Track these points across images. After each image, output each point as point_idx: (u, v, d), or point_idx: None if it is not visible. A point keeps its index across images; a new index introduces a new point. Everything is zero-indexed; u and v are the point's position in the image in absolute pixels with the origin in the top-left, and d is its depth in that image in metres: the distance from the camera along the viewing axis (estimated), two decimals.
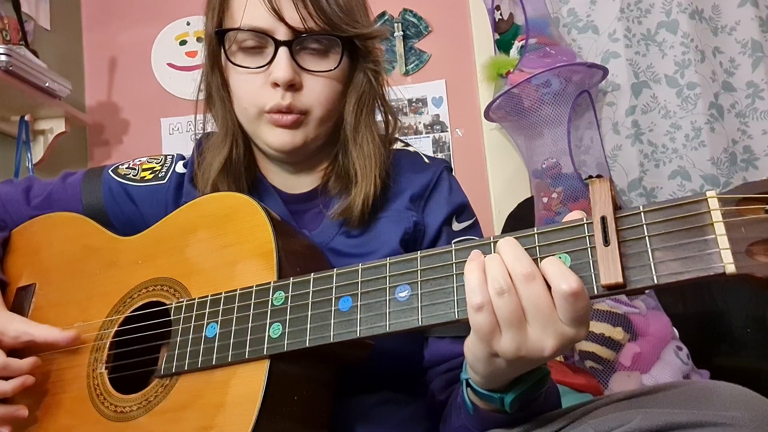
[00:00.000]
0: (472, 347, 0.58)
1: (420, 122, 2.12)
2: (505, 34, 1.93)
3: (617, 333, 1.52)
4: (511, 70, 1.85)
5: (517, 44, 1.89)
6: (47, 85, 1.77)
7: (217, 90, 0.87)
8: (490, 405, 0.64)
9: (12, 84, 1.64)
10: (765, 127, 1.89)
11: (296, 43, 0.79)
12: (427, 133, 2.11)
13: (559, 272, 0.53)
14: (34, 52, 1.79)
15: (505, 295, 0.53)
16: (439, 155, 2.09)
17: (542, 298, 0.53)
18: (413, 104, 2.12)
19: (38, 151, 1.89)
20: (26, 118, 1.80)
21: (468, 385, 0.65)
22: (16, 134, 1.80)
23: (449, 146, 2.10)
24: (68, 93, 1.88)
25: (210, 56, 0.87)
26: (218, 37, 0.83)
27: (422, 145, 2.10)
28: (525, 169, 1.98)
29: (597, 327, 1.54)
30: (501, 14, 1.94)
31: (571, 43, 1.95)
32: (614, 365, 1.52)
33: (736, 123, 1.92)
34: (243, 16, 0.80)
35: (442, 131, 2.11)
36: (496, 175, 2.07)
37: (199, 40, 2.16)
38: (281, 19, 0.78)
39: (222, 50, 0.84)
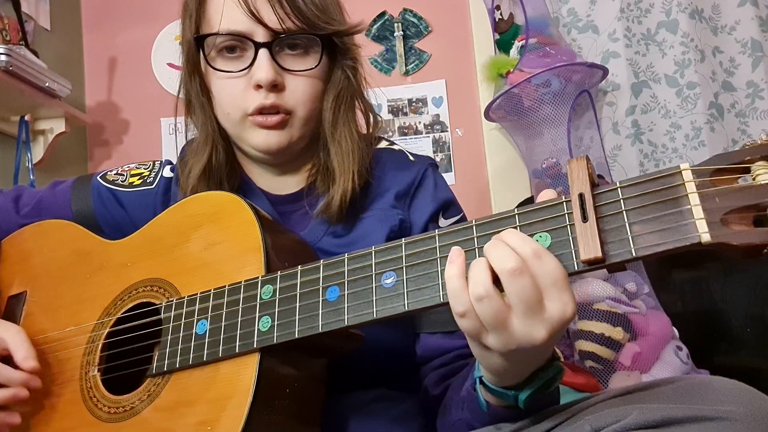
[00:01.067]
0: (468, 343, 0.59)
1: (420, 122, 2.12)
2: (505, 34, 1.92)
3: (617, 333, 1.52)
4: (511, 70, 1.84)
5: (517, 44, 1.89)
6: (47, 85, 1.77)
7: (196, 96, 0.87)
8: (504, 401, 0.64)
9: (12, 84, 1.65)
10: (765, 127, 1.88)
11: (276, 44, 0.79)
12: (427, 133, 2.11)
13: (521, 238, 0.54)
14: (34, 52, 1.79)
15: (485, 301, 0.53)
16: (439, 155, 2.09)
17: (529, 290, 0.53)
18: (413, 104, 2.12)
19: (38, 151, 1.89)
20: (26, 118, 1.80)
21: (481, 382, 0.65)
22: (16, 134, 1.80)
23: (449, 146, 2.10)
24: (68, 93, 1.88)
25: (189, 62, 0.86)
26: (197, 43, 0.83)
27: (422, 145, 2.10)
28: (525, 168, 1.97)
29: (597, 327, 1.53)
30: (501, 14, 1.94)
31: (571, 43, 1.95)
32: (614, 365, 1.51)
33: (736, 123, 1.91)
34: (221, 20, 0.80)
35: (442, 131, 2.11)
36: (496, 174, 2.06)
37: None
38: (259, 21, 0.78)
39: (201, 56, 0.83)
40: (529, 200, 1.91)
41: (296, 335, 0.64)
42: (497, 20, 1.94)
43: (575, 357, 1.59)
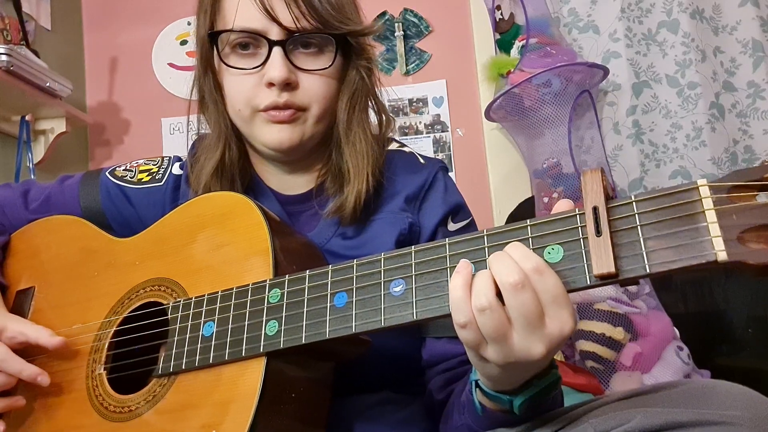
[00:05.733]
0: (467, 353, 0.59)
1: (420, 122, 2.12)
2: (505, 34, 1.93)
3: (618, 333, 1.52)
4: (512, 70, 1.85)
5: (517, 44, 1.89)
6: (48, 85, 1.77)
7: (209, 93, 0.86)
8: (499, 406, 0.64)
9: (13, 84, 1.65)
10: (766, 127, 1.89)
11: (290, 42, 0.79)
12: (427, 133, 2.11)
13: (523, 254, 0.54)
14: (35, 52, 1.79)
15: (487, 312, 0.53)
16: (440, 155, 2.09)
17: (530, 305, 0.53)
18: (414, 104, 2.12)
19: (39, 151, 1.89)
20: (27, 118, 1.80)
21: (477, 386, 0.65)
22: (17, 134, 1.80)
23: (450, 146, 2.10)
24: (69, 93, 1.88)
25: (202, 59, 0.86)
26: (211, 40, 0.83)
27: (423, 145, 2.10)
28: (525, 168, 1.97)
29: (598, 327, 1.54)
30: (502, 14, 1.94)
31: (571, 43, 1.95)
32: (615, 365, 1.52)
33: (737, 123, 1.92)
34: (235, 17, 0.80)
35: (442, 131, 2.11)
36: (497, 174, 2.06)
37: None
38: (274, 19, 0.78)
39: (215, 52, 0.83)
40: (530, 201, 1.91)
41: (303, 341, 0.64)
42: (498, 20, 1.94)
43: (576, 357, 1.59)
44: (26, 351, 0.80)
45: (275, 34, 0.79)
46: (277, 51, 0.79)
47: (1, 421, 0.80)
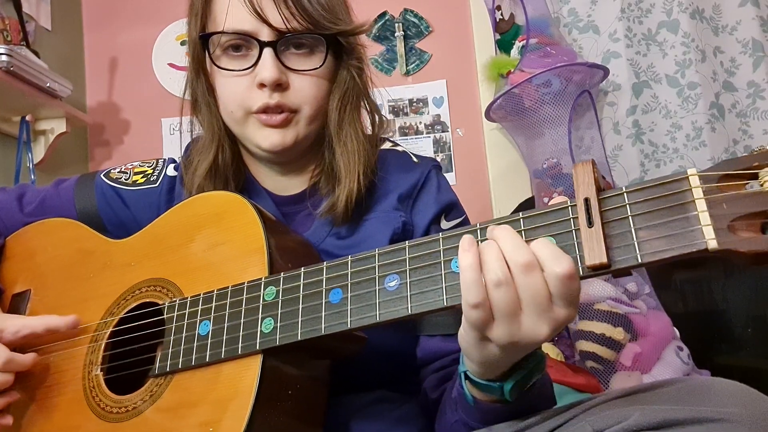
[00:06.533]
0: (464, 334, 0.58)
1: (421, 122, 2.12)
2: (505, 34, 1.93)
3: (618, 333, 1.52)
4: (512, 70, 1.85)
5: (517, 44, 1.89)
6: (48, 85, 1.77)
7: (202, 95, 0.87)
8: (490, 395, 0.64)
9: (13, 84, 1.65)
10: (766, 127, 1.89)
11: (280, 43, 0.79)
12: (427, 133, 2.11)
13: (552, 254, 0.53)
14: (35, 53, 1.79)
15: (503, 287, 0.53)
16: (440, 155, 2.09)
17: (540, 288, 0.53)
18: (414, 104, 2.12)
19: (39, 151, 1.90)
20: (27, 118, 1.80)
21: (467, 377, 0.65)
22: (17, 134, 1.80)
23: (450, 146, 2.10)
24: (69, 93, 1.88)
25: (194, 61, 0.86)
26: (202, 42, 0.83)
27: (423, 145, 2.10)
28: (525, 168, 1.97)
29: (598, 327, 1.53)
30: (502, 14, 1.94)
31: (571, 43, 1.95)
32: (615, 365, 1.52)
33: (737, 123, 1.91)
34: (226, 19, 0.80)
35: (442, 131, 2.11)
36: (497, 175, 2.06)
37: None
38: (264, 20, 0.78)
39: (206, 55, 0.84)
40: (530, 200, 1.91)
41: (299, 337, 0.64)
42: (498, 20, 1.94)
43: (576, 357, 1.59)
44: (23, 351, 0.80)
45: (265, 35, 0.79)
46: (267, 52, 0.79)
47: (7, 415, 0.80)
